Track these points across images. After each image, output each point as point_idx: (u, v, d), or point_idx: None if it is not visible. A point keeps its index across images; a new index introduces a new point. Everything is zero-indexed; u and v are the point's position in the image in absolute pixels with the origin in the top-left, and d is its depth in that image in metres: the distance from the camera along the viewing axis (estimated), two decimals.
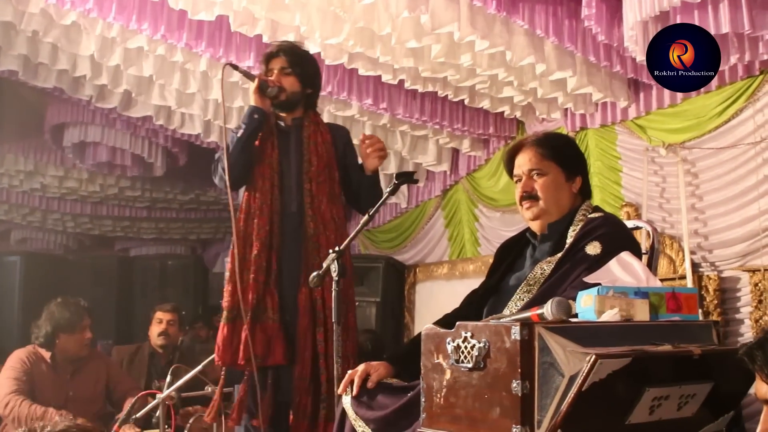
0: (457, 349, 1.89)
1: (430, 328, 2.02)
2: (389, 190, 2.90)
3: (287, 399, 3.26)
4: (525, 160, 2.61)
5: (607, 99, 4.96)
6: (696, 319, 2.12)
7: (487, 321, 1.98)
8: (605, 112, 5.21)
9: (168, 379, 3.84)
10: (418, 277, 7.38)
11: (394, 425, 2.22)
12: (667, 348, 1.86)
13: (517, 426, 1.75)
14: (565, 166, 2.61)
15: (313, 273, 2.84)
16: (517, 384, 1.75)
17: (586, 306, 1.98)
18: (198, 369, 3.79)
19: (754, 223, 4.35)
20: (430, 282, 7.19)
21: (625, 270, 2.20)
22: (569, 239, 2.45)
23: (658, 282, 2.29)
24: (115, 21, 4.59)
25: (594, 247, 2.34)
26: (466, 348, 1.86)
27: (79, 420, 4.10)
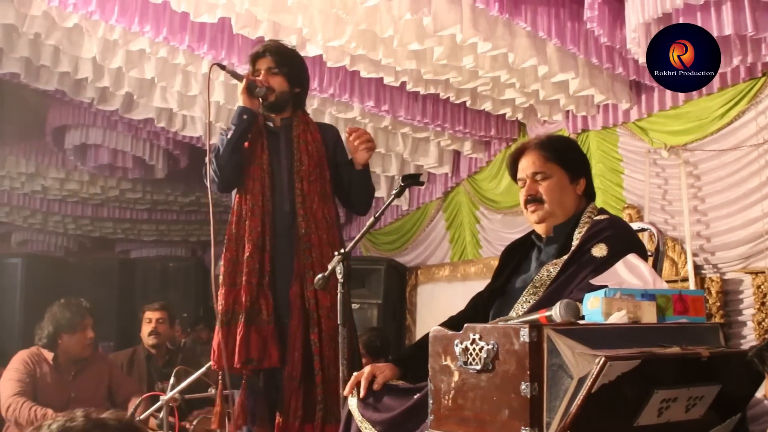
0: (465, 351, 1.89)
1: (437, 330, 2.02)
2: (395, 192, 2.88)
3: (280, 401, 3.20)
4: (528, 164, 2.61)
5: (609, 101, 4.96)
6: (703, 321, 2.12)
7: (495, 323, 1.98)
8: (607, 114, 5.21)
9: (171, 381, 3.84)
10: (419, 279, 7.39)
11: (401, 427, 2.21)
12: (676, 350, 1.86)
13: (525, 428, 1.75)
14: (569, 168, 2.61)
15: (318, 275, 2.82)
16: (525, 386, 1.75)
17: (593, 308, 1.97)
18: (201, 371, 3.79)
19: (756, 225, 4.35)
20: (432, 284, 7.20)
21: (632, 272, 2.20)
22: (575, 241, 2.44)
23: (665, 284, 2.29)
24: (118, 23, 4.59)
25: (600, 249, 2.34)
26: (474, 350, 1.86)
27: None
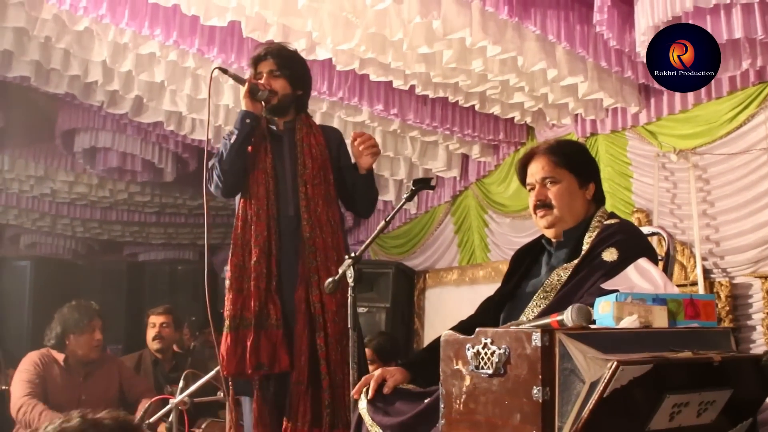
0: (476, 355, 1.89)
1: (449, 334, 2.02)
2: (406, 196, 2.88)
3: (288, 405, 3.17)
4: (538, 169, 2.61)
5: (618, 104, 4.96)
6: (714, 325, 2.11)
7: (507, 327, 1.98)
8: (616, 118, 5.21)
9: (180, 384, 3.85)
10: (427, 282, 7.38)
11: (412, 431, 2.21)
12: (687, 355, 1.86)
13: None
14: (578, 173, 2.61)
15: (329, 279, 2.82)
16: (537, 390, 1.74)
17: (604, 312, 1.97)
18: (210, 375, 3.79)
19: (766, 229, 4.35)
20: (440, 288, 7.19)
21: (643, 276, 2.20)
22: (585, 246, 2.44)
23: (676, 288, 2.28)
24: (128, 27, 4.61)
25: (611, 254, 2.34)
26: (486, 354, 1.86)
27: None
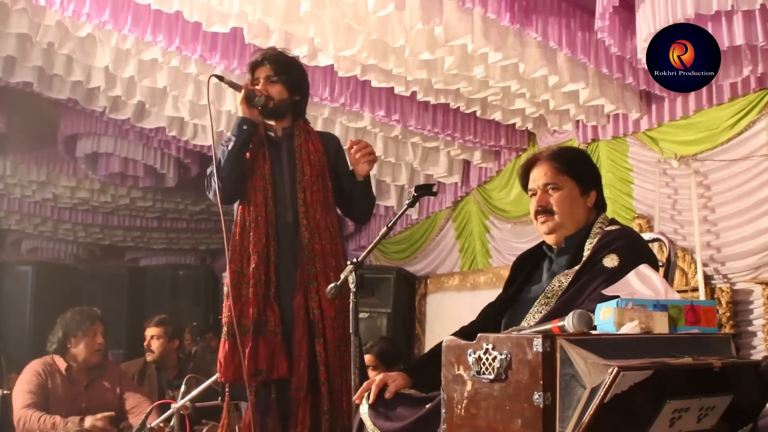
0: (478, 360, 1.89)
1: (450, 340, 2.02)
2: (408, 202, 2.88)
3: (288, 412, 3.18)
4: (540, 174, 2.62)
5: (619, 111, 4.97)
6: (715, 331, 2.12)
7: (508, 333, 1.98)
8: (617, 124, 5.22)
9: (182, 389, 3.85)
10: (429, 288, 7.39)
11: None
12: (688, 360, 1.86)
13: None
14: (581, 180, 2.61)
15: (331, 284, 2.82)
16: (538, 396, 1.75)
17: (605, 318, 1.98)
18: (211, 380, 3.78)
19: (766, 235, 4.35)
20: (441, 293, 7.20)
21: (644, 282, 2.20)
22: (586, 252, 2.45)
23: (677, 294, 2.29)
24: (130, 33, 4.62)
25: (611, 260, 2.34)
26: (487, 359, 1.87)
27: (87, 423, 4.14)
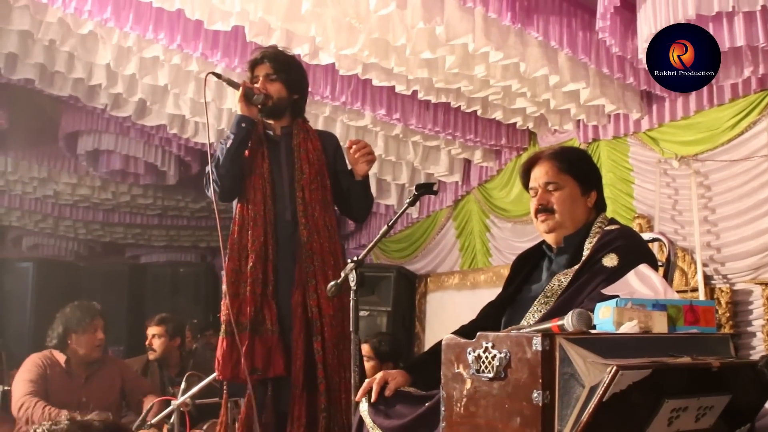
0: (477, 359, 1.90)
1: (450, 338, 2.03)
2: (409, 201, 2.89)
3: (287, 410, 3.19)
4: (542, 173, 2.62)
5: (620, 111, 4.98)
6: (713, 331, 2.12)
7: (508, 331, 1.99)
8: (618, 124, 5.23)
9: (182, 386, 3.85)
10: (429, 286, 7.39)
11: None
12: (687, 360, 1.87)
13: None
14: (582, 180, 2.61)
15: (331, 282, 2.82)
16: (537, 394, 1.76)
17: (605, 318, 1.98)
18: (211, 377, 3.78)
19: (766, 236, 4.36)
20: (441, 292, 7.21)
21: (643, 282, 2.21)
22: (586, 251, 2.45)
23: (676, 294, 2.29)
24: (132, 30, 4.63)
25: (611, 259, 2.35)
26: (487, 358, 1.88)
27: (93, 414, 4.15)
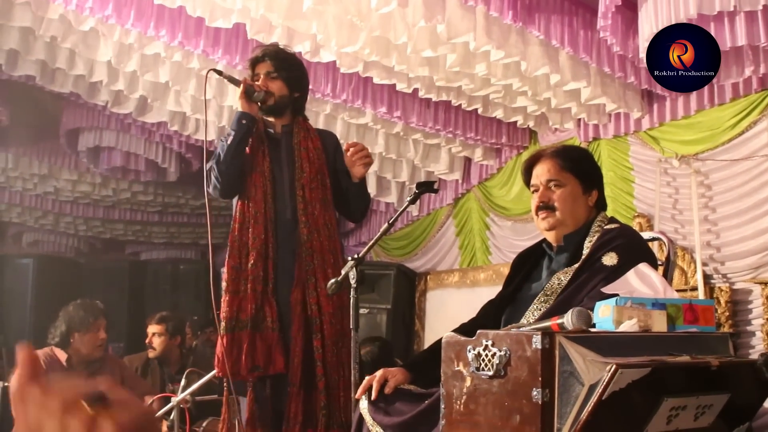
0: (477, 356, 1.90)
1: (450, 336, 2.04)
2: (410, 199, 2.90)
3: (284, 408, 3.20)
4: (543, 171, 2.62)
5: (621, 110, 4.98)
6: (713, 330, 2.13)
7: (508, 330, 2.00)
8: (618, 123, 5.23)
9: (182, 382, 3.86)
10: (428, 284, 7.39)
11: (413, 431, 2.24)
12: (686, 359, 1.88)
13: None
14: (583, 178, 2.62)
15: (331, 280, 2.84)
16: (537, 392, 1.76)
17: (604, 316, 1.99)
18: (211, 374, 3.79)
19: (766, 235, 4.37)
20: (441, 290, 7.21)
21: (643, 281, 2.22)
22: (585, 250, 2.46)
23: (676, 293, 2.30)
24: (133, 27, 4.63)
25: (611, 258, 2.35)
26: (486, 356, 1.88)
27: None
